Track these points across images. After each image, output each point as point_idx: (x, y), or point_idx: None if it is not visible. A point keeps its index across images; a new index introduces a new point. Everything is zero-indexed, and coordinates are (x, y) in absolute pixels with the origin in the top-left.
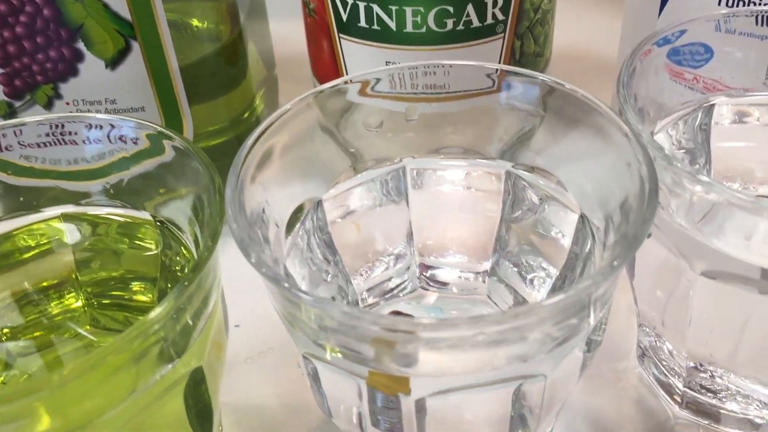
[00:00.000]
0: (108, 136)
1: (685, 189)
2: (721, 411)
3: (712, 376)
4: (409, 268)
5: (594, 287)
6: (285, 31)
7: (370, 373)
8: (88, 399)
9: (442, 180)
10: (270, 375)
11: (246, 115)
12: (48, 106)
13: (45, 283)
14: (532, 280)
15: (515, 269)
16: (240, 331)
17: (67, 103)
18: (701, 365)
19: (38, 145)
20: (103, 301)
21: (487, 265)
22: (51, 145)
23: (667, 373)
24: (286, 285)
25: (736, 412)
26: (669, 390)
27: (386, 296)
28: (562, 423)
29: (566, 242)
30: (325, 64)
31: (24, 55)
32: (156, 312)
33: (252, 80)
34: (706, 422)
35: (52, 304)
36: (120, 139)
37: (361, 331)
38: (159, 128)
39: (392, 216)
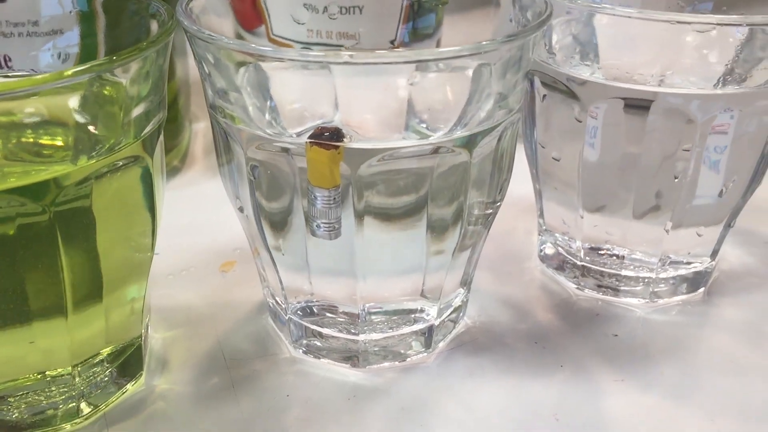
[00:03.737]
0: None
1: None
2: (617, 284)
3: (610, 255)
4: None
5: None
6: None
7: (308, 147)
8: None
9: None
10: (193, 283)
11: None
12: None
13: None
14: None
15: (424, 124)
16: (160, 258)
17: None
18: (599, 247)
19: None
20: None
21: (401, 122)
22: None
23: (568, 257)
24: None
25: (629, 278)
26: (570, 273)
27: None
28: (476, 305)
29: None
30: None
31: None
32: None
33: (175, 83)
34: (602, 295)
35: None
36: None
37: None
38: None
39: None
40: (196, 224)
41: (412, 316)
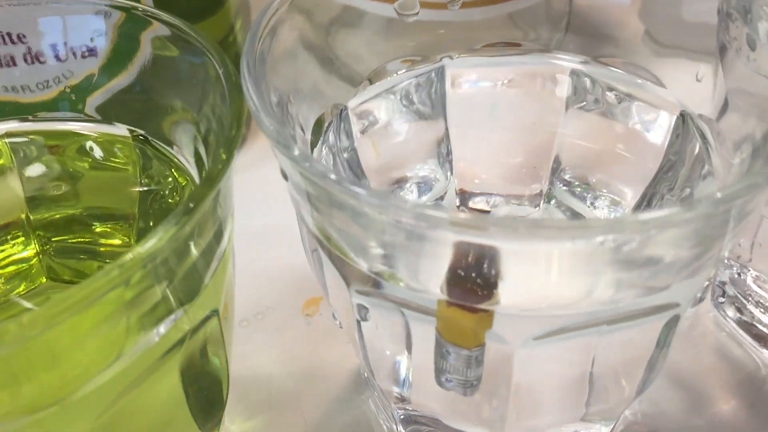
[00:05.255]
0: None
1: None
2: None
3: None
4: (444, 195)
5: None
6: None
7: (443, 305)
8: (57, 365)
9: (487, 84)
10: (273, 338)
11: (229, 40)
12: None
13: None
14: (598, 204)
15: (578, 191)
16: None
17: None
18: None
19: None
20: (63, 246)
21: (540, 188)
22: None
23: (753, 311)
24: (334, 178)
25: None
26: (755, 332)
27: None
28: None
29: (656, 151)
30: None
31: None
32: (154, 240)
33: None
34: None
35: None
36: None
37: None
38: (134, 8)
39: (427, 131)
40: (269, 229)
41: None
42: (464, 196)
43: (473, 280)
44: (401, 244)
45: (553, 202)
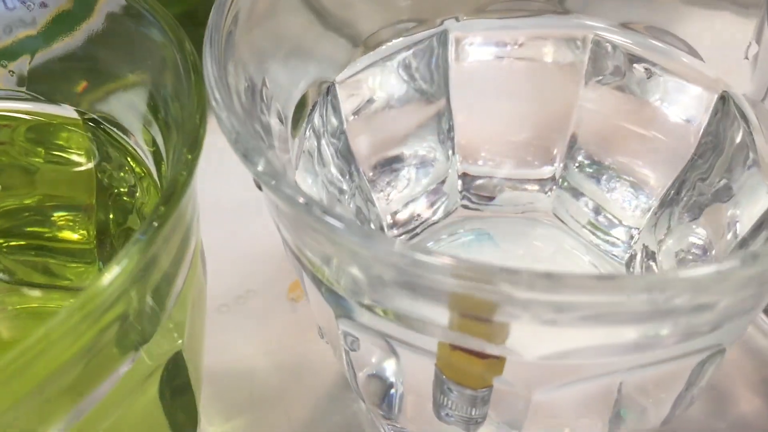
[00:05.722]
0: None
1: None
2: None
3: None
4: (445, 179)
5: None
6: None
7: (445, 348)
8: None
9: (495, 50)
10: (255, 327)
11: None
12: None
13: None
14: (617, 189)
15: (594, 174)
16: (210, 270)
17: None
18: None
19: None
20: (14, 243)
21: (552, 171)
22: None
23: None
24: (303, 202)
25: None
26: None
27: (417, 220)
28: None
29: (690, 134)
30: None
31: None
32: (112, 275)
33: None
34: None
35: None
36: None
37: (436, 286)
38: None
39: (426, 103)
40: (247, 202)
41: None
42: (467, 179)
43: (481, 324)
44: (392, 281)
45: (565, 185)
